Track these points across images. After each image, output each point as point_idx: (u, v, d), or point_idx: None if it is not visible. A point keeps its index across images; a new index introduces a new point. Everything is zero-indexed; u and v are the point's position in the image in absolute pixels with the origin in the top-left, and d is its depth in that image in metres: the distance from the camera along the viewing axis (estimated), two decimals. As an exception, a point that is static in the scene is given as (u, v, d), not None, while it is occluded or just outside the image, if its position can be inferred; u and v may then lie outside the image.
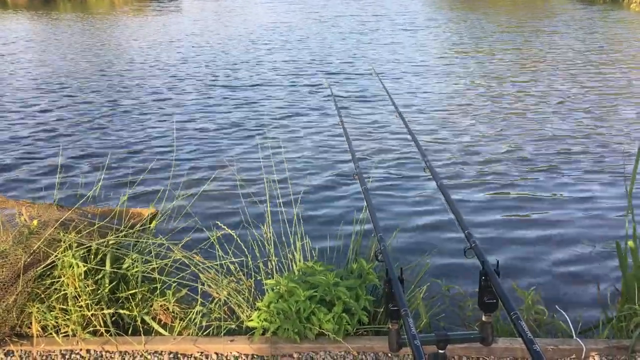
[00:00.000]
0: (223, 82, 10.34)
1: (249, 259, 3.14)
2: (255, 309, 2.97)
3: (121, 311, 2.92)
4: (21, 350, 2.82)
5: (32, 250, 2.83)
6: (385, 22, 18.78)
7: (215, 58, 12.69)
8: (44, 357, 2.79)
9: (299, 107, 8.61)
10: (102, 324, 2.85)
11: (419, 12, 21.55)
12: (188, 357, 2.80)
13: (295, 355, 2.77)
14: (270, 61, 12.32)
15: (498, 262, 1.62)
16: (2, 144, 7.05)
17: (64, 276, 2.83)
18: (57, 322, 2.85)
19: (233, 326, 2.95)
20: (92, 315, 2.84)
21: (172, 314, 2.98)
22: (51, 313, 2.84)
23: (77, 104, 8.94)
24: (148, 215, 3.52)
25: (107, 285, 2.91)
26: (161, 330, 2.92)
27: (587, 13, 19.97)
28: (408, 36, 15.68)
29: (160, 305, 2.97)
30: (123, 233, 3.06)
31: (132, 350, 2.83)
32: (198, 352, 2.82)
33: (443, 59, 12.33)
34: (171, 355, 2.80)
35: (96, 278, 2.91)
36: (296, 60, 12.40)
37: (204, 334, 2.91)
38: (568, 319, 2.91)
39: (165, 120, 7.96)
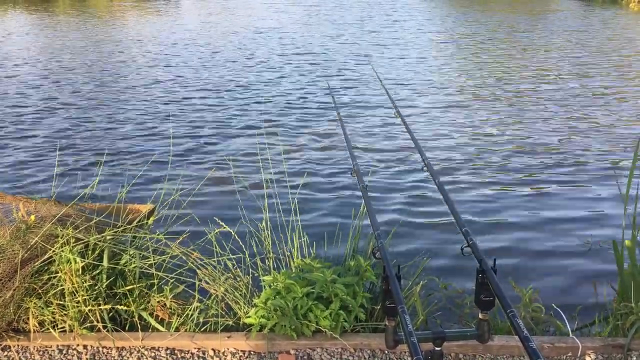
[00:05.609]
0: (221, 79, 10.33)
1: (247, 255, 3.14)
2: (252, 306, 2.97)
3: (118, 307, 2.92)
4: (18, 345, 2.82)
5: (29, 246, 2.83)
6: (385, 19, 18.77)
7: (213, 55, 12.67)
8: (41, 353, 2.79)
9: (297, 104, 8.60)
10: (99, 319, 2.84)
11: (418, 9, 21.53)
12: (185, 353, 2.80)
13: (292, 352, 2.78)
14: (269, 58, 12.30)
15: (495, 260, 1.62)
16: (0, 140, 7.03)
17: (61, 272, 2.83)
18: (54, 318, 2.85)
19: (230, 323, 2.95)
20: (89, 310, 2.84)
21: (170, 310, 2.98)
22: (48, 308, 2.84)
23: (75, 100, 8.92)
24: (146, 211, 3.52)
25: (104, 281, 2.90)
26: (158, 326, 2.92)
27: (586, 12, 19.97)
28: (407, 33, 15.67)
29: (158, 302, 2.97)
30: (121, 229, 3.05)
31: (129, 346, 2.83)
32: (195, 348, 2.83)
33: (442, 58, 12.33)
34: (168, 351, 2.81)
35: (93, 274, 2.91)
36: (295, 56, 12.38)
37: (201, 330, 2.91)
38: (564, 317, 2.92)
39: (163, 116, 7.95)
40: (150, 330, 2.91)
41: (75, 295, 2.83)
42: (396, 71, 10.90)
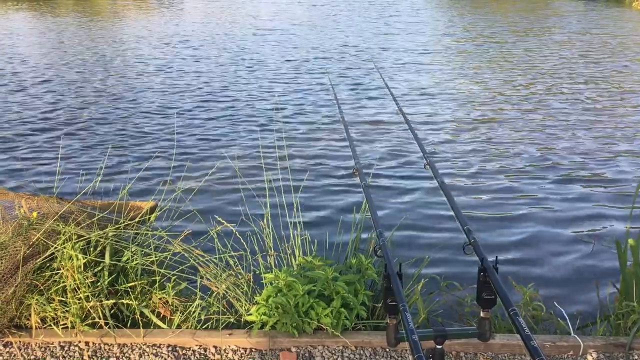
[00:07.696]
0: (223, 77, 10.33)
1: (248, 253, 3.14)
2: (254, 303, 2.97)
3: (121, 302, 2.92)
4: (20, 341, 2.82)
5: (31, 242, 2.83)
6: (386, 19, 18.74)
7: (215, 53, 12.67)
8: (43, 349, 2.80)
9: (299, 102, 8.60)
10: (101, 316, 2.85)
11: (421, 10, 21.50)
12: (186, 350, 2.80)
13: (293, 350, 2.78)
14: (271, 57, 12.30)
15: (497, 258, 1.61)
16: (3, 137, 7.04)
17: (63, 268, 2.83)
18: (56, 314, 2.86)
19: (232, 320, 2.95)
20: (91, 307, 2.84)
21: (171, 307, 2.98)
22: (50, 305, 2.85)
23: (78, 97, 8.93)
24: (147, 208, 3.52)
25: (106, 277, 2.91)
26: (160, 323, 2.92)
27: (589, 12, 19.91)
28: (410, 34, 15.65)
29: (160, 298, 2.98)
30: (122, 225, 3.06)
31: (131, 343, 2.83)
32: (196, 345, 2.83)
33: (444, 58, 12.31)
34: (170, 348, 2.81)
35: (95, 270, 2.92)
36: (297, 56, 12.37)
37: (203, 327, 2.91)
38: (566, 316, 2.92)
39: (165, 114, 7.95)
40: (151, 327, 2.92)
41: (77, 291, 2.84)
42: (399, 72, 10.89)
